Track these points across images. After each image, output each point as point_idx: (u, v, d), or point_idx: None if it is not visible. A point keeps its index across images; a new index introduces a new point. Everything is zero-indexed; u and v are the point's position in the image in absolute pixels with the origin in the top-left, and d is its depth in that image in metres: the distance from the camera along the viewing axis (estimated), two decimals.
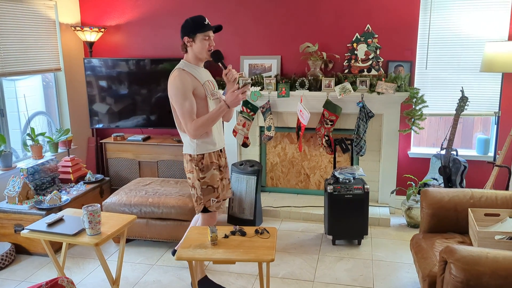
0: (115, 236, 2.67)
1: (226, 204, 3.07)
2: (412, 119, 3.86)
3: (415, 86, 4.02)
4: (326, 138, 3.99)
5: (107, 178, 4.18)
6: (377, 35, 3.99)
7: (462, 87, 3.73)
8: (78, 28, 4.35)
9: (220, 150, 2.81)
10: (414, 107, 3.85)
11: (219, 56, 2.63)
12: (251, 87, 4.06)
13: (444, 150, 3.77)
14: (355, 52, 4.04)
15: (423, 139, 4.25)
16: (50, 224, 2.63)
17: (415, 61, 4.00)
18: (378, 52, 4.00)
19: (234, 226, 2.57)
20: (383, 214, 3.94)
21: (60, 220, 2.70)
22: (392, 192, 3.99)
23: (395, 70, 3.99)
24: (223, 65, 2.64)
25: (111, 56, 4.65)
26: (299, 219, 4.04)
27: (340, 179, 3.51)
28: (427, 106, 3.84)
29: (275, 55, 4.26)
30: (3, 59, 3.72)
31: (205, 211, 2.77)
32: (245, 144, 4.13)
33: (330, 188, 3.44)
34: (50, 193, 3.54)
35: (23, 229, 2.74)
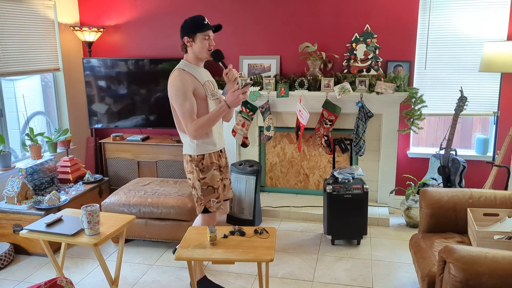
0: (114, 236, 2.67)
1: (228, 204, 3.06)
2: (411, 119, 3.86)
3: (414, 86, 4.02)
4: (325, 138, 3.99)
5: (106, 178, 4.17)
6: (376, 35, 3.99)
7: (461, 87, 3.73)
8: (77, 28, 4.35)
9: (220, 151, 2.81)
10: (413, 107, 3.86)
11: (219, 56, 2.62)
12: (251, 87, 4.05)
13: (443, 150, 3.77)
14: (354, 52, 4.04)
15: (422, 139, 4.25)
16: (49, 224, 2.62)
17: (414, 61, 4.00)
18: (377, 52, 4.00)
19: (233, 226, 2.57)
20: (382, 214, 3.94)
21: (59, 220, 2.70)
22: (391, 192, 3.99)
23: (394, 70, 3.99)
24: (224, 64, 2.63)
25: (110, 56, 4.64)
26: (298, 219, 4.04)
27: (339, 179, 3.51)
28: (426, 106, 3.84)
29: (274, 55, 4.26)
30: (1, 59, 3.71)
31: (205, 211, 2.77)
32: (244, 144, 4.13)
33: (329, 188, 3.44)
34: (49, 193, 3.54)
35: (22, 229, 2.73)
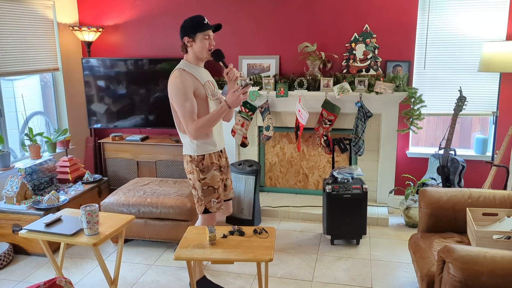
0: (113, 236, 2.67)
1: (230, 204, 3.06)
2: (411, 119, 3.86)
3: (413, 86, 4.02)
4: (325, 138, 3.99)
5: (105, 178, 4.17)
6: (375, 35, 3.99)
7: (460, 87, 3.73)
8: (76, 28, 4.35)
9: (220, 151, 2.80)
10: (412, 107, 3.86)
11: (219, 55, 2.62)
12: (252, 87, 4.05)
13: (442, 149, 3.77)
14: (354, 52, 4.04)
15: (422, 139, 4.25)
16: (48, 224, 2.62)
17: (413, 61, 4.00)
18: (377, 52, 4.00)
19: (233, 226, 2.57)
20: (382, 213, 3.94)
21: (58, 220, 2.70)
22: (390, 192, 3.99)
23: (394, 70, 3.99)
24: (224, 64, 2.63)
25: (109, 56, 4.64)
26: (298, 219, 4.04)
27: (339, 179, 3.51)
28: (425, 106, 3.84)
29: (273, 55, 4.26)
30: (1, 59, 3.71)
31: (205, 211, 2.76)
32: (243, 144, 4.13)
33: (328, 188, 3.44)
34: (48, 193, 3.54)
35: (21, 229, 2.73)
